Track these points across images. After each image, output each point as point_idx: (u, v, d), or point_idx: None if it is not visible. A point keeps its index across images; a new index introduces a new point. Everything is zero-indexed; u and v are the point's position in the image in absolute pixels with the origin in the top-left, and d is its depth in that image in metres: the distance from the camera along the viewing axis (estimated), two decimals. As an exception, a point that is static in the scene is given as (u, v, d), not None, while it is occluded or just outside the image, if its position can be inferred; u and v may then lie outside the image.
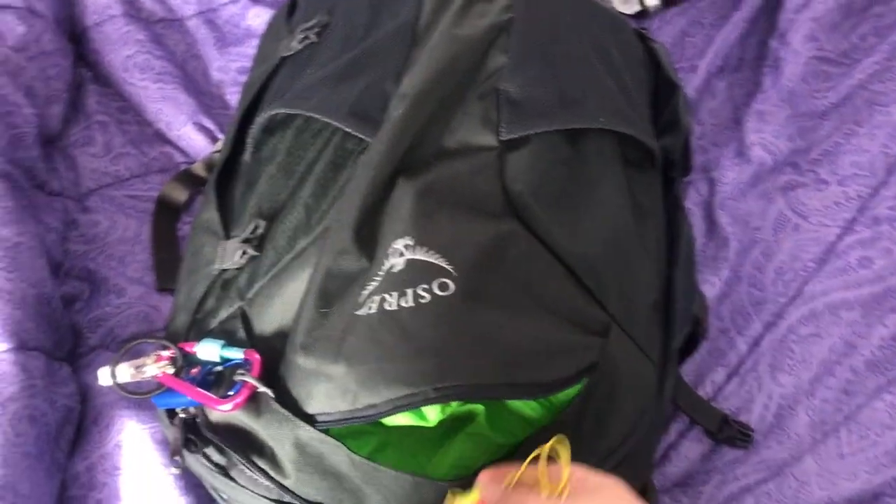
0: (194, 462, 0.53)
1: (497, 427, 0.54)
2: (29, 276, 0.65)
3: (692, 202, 0.79)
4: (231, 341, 0.52)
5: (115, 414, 0.65)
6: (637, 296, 0.54)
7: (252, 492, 0.51)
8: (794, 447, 0.66)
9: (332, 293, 0.49)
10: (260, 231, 0.54)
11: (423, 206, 0.49)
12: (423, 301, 0.46)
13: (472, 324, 0.46)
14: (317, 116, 0.55)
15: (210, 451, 0.51)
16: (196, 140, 0.82)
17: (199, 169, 0.79)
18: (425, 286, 0.47)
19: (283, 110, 0.57)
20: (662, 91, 0.66)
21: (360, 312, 0.47)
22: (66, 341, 0.69)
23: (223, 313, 0.54)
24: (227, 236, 0.56)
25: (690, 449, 0.68)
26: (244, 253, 0.54)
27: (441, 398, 0.44)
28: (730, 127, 0.83)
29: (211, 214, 0.58)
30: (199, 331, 0.54)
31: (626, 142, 0.58)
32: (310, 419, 0.47)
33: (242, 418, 0.49)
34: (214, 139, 0.82)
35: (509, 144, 0.53)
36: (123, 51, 0.83)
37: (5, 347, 0.60)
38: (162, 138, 0.83)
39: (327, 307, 0.48)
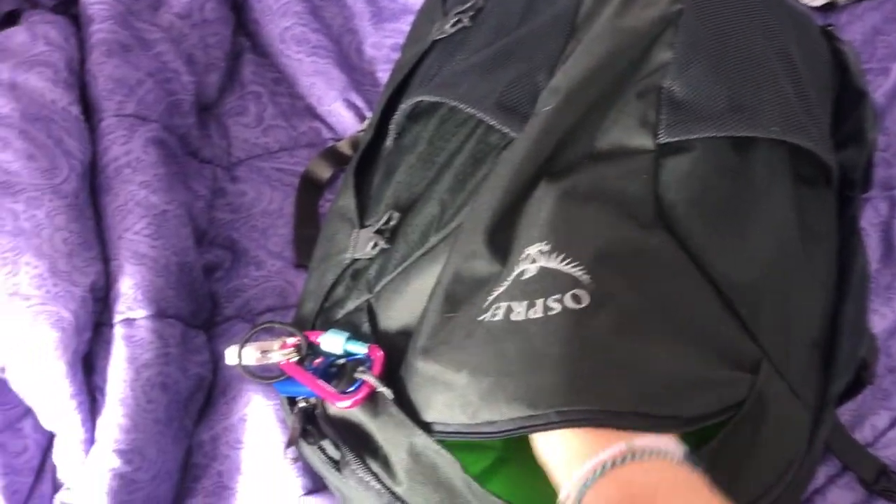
0: (310, 452, 0.52)
1: None
2: (173, 244, 0.66)
3: (868, 222, 0.71)
4: (356, 334, 0.51)
5: (242, 388, 0.66)
6: (796, 331, 0.48)
7: (363, 491, 0.49)
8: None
9: (458, 297, 0.46)
10: (393, 223, 0.53)
11: (564, 210, 0.46)
12: (552, 313, 0.43)
13: (604, 343, 0.42)
14: (461, 107, 0.53)
15: (325, 443, 0.50)
16: (345, 117, 0.81)
17: (344, 147, 0.78)
18: (557, 297, 0.43)
19: (428, 98, 0.55)
20: (847, 98, 0.59)
21: (484, 318, 0.44)
22: (203, 309, 0.70)
23: (350, 304, 0.53)
24: (362, 225, 0.55)
25: (840, 497, 0.61)
26: (376, 244, 0.52)
27: (565, 423, 0.41)
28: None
29: (347, 201, 0.57)
30: (325, 320, 0.54)
31: (799, 155, 0.52)
32: (426, 427, 0.45)
33: (360, 416, 0.48)
34: (362, 117, 0.81)
35: (668, 148, 0.48)
36: (282, 22, 0.83)
37: (144, 314, 0.61)
38: (311, 113, 0.83)
39: (452, 311, 0.46)
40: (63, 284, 0.59)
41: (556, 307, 0.43)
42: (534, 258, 0.44)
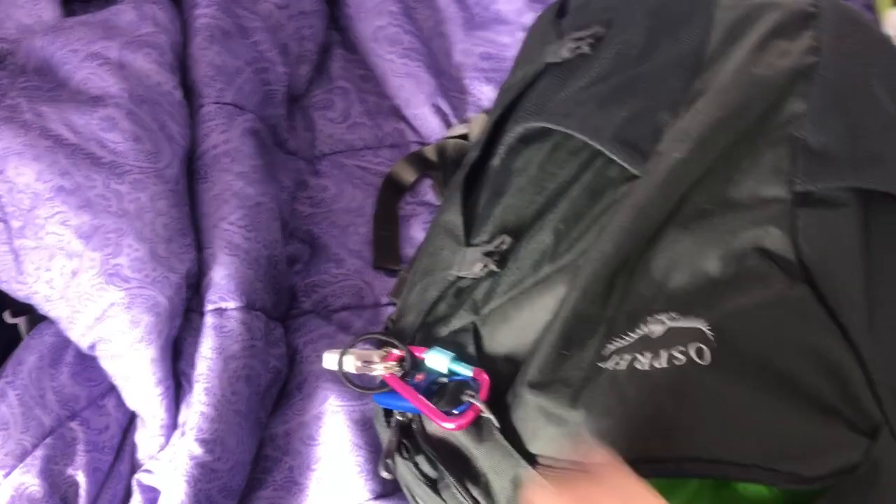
0: (402, 466, 0.52)
1: (721, 500, 0.50)
2: (265, 237, 0.66)
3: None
4: (460, 355, 0.51)
5: (318, 385, 0.67)
6: None
7: None
8: None
9: (574, 336, 0.46)
10: (504, 247, 0.52)
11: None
12: (676, 363, 0.43)
13: (725, 399, 0.43)
14: (580, 136, 0.52)
15: (420, 459, 0.51)
16: (431, 121, 0.81)
17: (430, 153, 0.78)
18: (682, 348, 0.44)
19: (544, 124, 0.55)
20: None
21: (606, 366, 0.44)
22: (283, 302, 0.70)
23: (455, 323, 0.52)
24: (468, 243, 0.55)
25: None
26: (485, 266, 0.52)
27: (688, 473, 0.42)
28: None
29: (454, 217, 0.57)
30: (426, 335, 0.54)
31: None
32: (530, 458, 0.46)
33: (461, 439, 0.48)
34: (448, 123, 0.82)
35: (804, 198, 0.48)
36: (376, 20, 0.84)
37: (235, 305, 0.62)
38: (397, 114, 0.84)
39: (567, 349, 0.46)
40: (161, 270, 0.60)
41: (681, 358, 0.43)
42: (663, 321, 0.45)
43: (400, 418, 0.51)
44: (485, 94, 0.84)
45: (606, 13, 0.60)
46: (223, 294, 0.62)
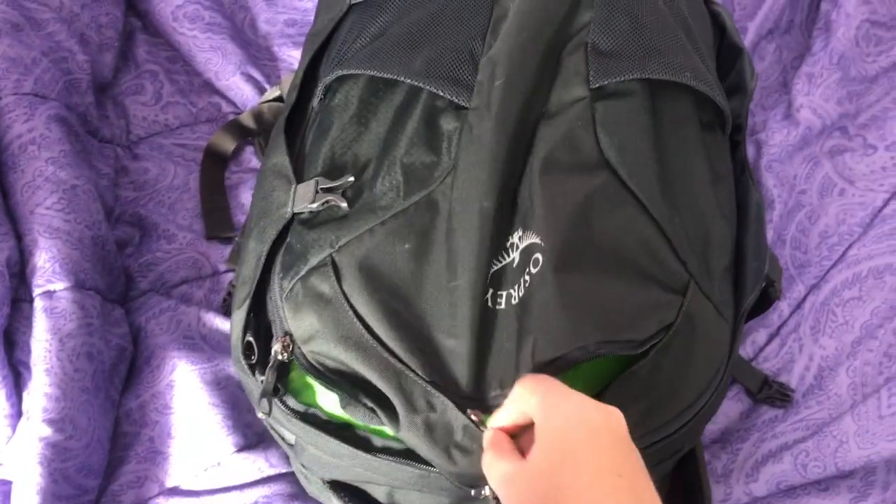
0: (275, 408, 0.53)
1: (576, 378, 0.55)
2: (85, 218, 0.66)
3: (737, 164, 0.79)
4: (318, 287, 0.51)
5: (166, 355, 0.67)
6: (714, 258, 0.54)
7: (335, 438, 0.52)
8: (834, 408, 0.66)
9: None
10: (348, 184, 0.53)
11: (548, 193, 0.51)
12: (526, 285, 0.48)
13: (563, 293, 0.48)
14: (402, 79, 0.54)
15: (288, 398, 0.53)
16: (244, 90, 0.82)
17: (247, 119, 0.80)
18: (526, 269, 0.48)
19: (356, 71, 0.56)
20: (726, 54, 0.65)
21: (493, 306, 0.49)
22: (118, 284, 0.70)
23: (313, 259, 0.51)
24: (300, 180, 0.55)
25: (730, 407, 0.69)
26: (326, 202, 0.52)
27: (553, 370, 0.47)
28: (778, 90, 0.83)
29: (281, 159, 0.57)
30: (288, 274, 0.52)
31: (700, 104, 0.58)
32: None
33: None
34: (262, 90, 0.83)
35: (599, 93, 0.53)
36: (174, 1, 0.84)
37: (63, 286, 0.62)
38: (210, 88, 0.84)
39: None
40: (-23, 261, 0.59)
41: (527, 279, 0.48)
42: (517, 245, 0.49)
43: (280, 358, 0.51)
44: (294, 57, 0.86)
45: None
46: (49, 276, 0.62)
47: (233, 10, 0.89)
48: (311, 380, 0.52)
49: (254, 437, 0.66)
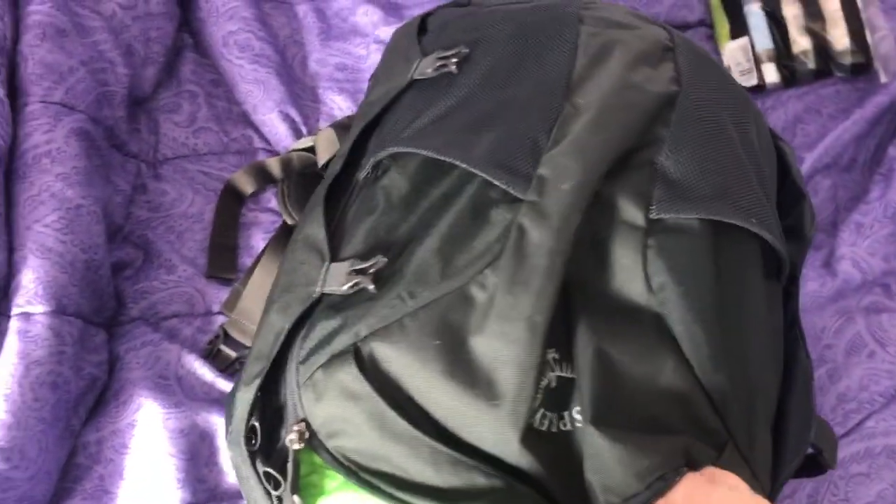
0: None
1: None
2: (83, 241, 0.65)
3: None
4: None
5: (135, 392, 0.66)
6: (760, 419, 0.50)
7: None
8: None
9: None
10: (379, 266, 0.49)
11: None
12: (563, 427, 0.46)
13: (600, 453, 0.44)
14: (451, 161, 0.51)
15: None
16: (279, 129, 0.81)
17: (273, 165, 0.78)
18: (569, 410, 0.46)
19: (413, 150, 0.52)
20: (787, 196, 0.61)
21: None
22: (106, 308, 0.69)
23: (336, 346, 0.48)
24: (335, 258, 0.51)
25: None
26: (355, 284, 0.48)
27: None
28: (825, 230, 0.78)
29: (316, 231, 0.53)
30: (308, 360, 0.49)
31: (764, 250, 0.53)
32: None
33: None
34: (297, 131, 0.81)
35: (658, 226, 0.49)
36: (227, 25, 0.83)
37: (42, 310, 0.61)
38: (246, 120, 0.83)
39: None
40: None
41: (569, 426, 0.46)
42: (551, 366, 0.46)
43: (297, 448, 0.46)
44: (337, 104, 0.85)
45: (470, 33, 0.59)
46: (30, 298, 0.61)
47: (286, 44, 0.87)
48: (319, 479, 0.48)
49: (203, 494, 0.64)
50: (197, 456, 0.65)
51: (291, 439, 0.46)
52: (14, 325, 0.60)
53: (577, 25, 0.56)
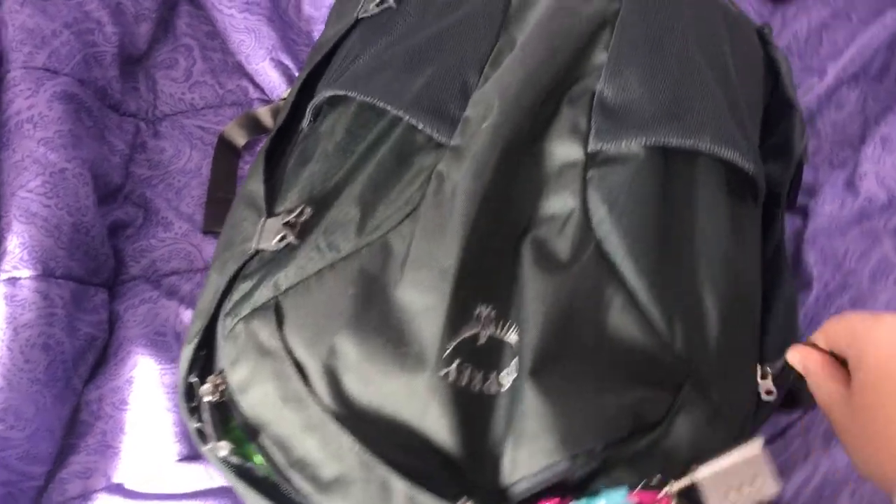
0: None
1: None
2: (68, 204, 0.66)
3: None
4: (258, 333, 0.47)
5: (132, 349, 0.67)
6: (734, 350, 0.47)
7: None
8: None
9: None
10: (304, 218, 0.48)
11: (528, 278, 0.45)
12: (502, 389, 0.44)
13: (552, 401, 0.42)
14: (383, 105, 0.49)
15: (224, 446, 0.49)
16: (272, 76, 0.80)
17: (263, 115, 0.77)
18: (497, 371, 0.44)
19: (343, 92, 0.51)
20: (776, 107, 0.56)
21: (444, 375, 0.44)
22: (104, 268, 0.70)
23: (258, 298, 0.48)
24: (270, 213, 0.51)
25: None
26: (283, 237, 0.48)
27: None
28: (850, 145, 0.72)
29: (256, 186, 0.53)
30: (233, 314, 0.49)
31: (729, 168, 0.50)
32: None
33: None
34: (291, 77, 0.80)
35: (597, 158, 0.47)
36: (218, -26, 0.82)
37: (29, 274, 0.62)
38: (240, 70, 0.82)
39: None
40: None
41: (505, 384, 0.44)
42: (482, 321, 0.44)
43: (211, 399, 0.47)
44: (332, 46, 0.83)
45: None
46: (16, 263, 0.62)
47: (280, -12, 0.85)
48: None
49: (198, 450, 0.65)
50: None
51: (205, 390, 0.46)
52: (1, 290, 0.61)
53: None
